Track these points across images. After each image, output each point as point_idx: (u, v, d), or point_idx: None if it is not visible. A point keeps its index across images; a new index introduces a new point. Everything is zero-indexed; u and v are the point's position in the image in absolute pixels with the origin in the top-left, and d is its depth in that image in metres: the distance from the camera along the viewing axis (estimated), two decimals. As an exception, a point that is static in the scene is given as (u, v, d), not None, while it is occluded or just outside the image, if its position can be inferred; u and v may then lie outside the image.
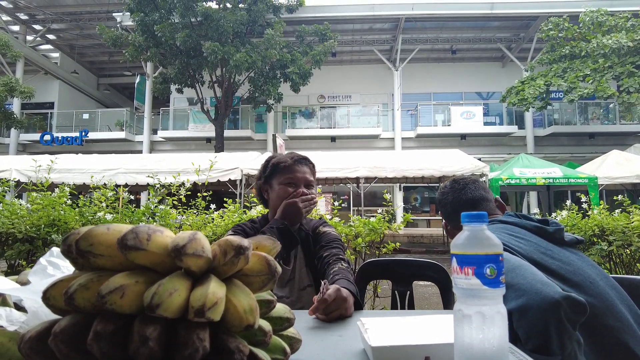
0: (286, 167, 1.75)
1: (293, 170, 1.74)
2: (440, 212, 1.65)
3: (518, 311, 0.95)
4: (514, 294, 0.98)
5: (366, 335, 0.85)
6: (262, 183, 1.82)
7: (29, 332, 0.62)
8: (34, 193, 3.20)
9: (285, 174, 1.74)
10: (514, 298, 0.97)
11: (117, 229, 0.64)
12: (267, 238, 0.80)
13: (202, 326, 0.59)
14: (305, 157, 1.82)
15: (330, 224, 1.92)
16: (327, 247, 1.69)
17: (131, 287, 0.58)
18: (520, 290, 0.97)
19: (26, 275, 0.82)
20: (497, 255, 0.70)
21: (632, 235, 2.92)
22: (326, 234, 1.77)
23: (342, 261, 1.60)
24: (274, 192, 1.76)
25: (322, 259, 1.65)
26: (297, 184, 1.72)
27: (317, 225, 1.83)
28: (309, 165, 1.81)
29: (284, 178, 1.73)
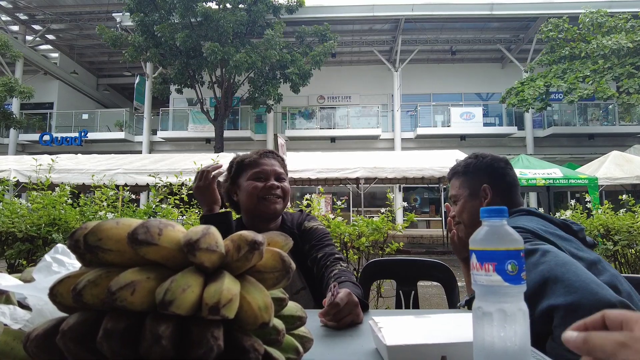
0: (251, 162, 1.65)
1: (259, 163, 1.64)
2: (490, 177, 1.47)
3: (566, 308, 0.92)
4: (563, 289, 0.95)
5: (380, 334, 0.83)
6: (229, 185, 1.70)
7: (35, 331, 0.59)
8: (35, 192, 3.18)
9: (251, 169, 1.63)
10: (564, 294, 0.94)
11: (126, 223, 0.62)
12: (279, 234, 0.78)
13: (216, 324, 0.57)
14: (271, 151, 1.73)
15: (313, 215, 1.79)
16: (320, 246, 1.59)
17: (142, 283, 0.56)
18: (572, 287, 0.93)
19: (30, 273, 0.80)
20: (519, 251, 0.68)
21: (637, 235, 2.90)
22: (314, 229, 1.66)
23: (341, 261, 1.52)
24: (242, 192, 1.64)
25: (317, 261, 1.55)
26: (267, 177, 1.61)
27: (301, 221, 1.71)
28: (277, 158, 1.70)
29: (251, 173, 1.62)
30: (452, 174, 1.57)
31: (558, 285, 0.96)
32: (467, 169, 1.50)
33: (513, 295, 0.67)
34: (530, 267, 1.03)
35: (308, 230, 1.66)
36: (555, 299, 0.94)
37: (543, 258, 1.03)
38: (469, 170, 1.50)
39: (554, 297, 0.95)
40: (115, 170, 9.36)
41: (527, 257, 1.05)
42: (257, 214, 1.62)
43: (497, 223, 0.70)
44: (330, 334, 1.00)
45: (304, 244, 1.63)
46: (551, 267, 1.00)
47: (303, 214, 1.78)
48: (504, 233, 0.69)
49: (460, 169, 1.53)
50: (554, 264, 1.00)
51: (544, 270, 1.00)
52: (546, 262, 1.02)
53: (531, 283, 1.00)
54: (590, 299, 0.89)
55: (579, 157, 15.47)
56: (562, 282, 0.96)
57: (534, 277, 1.01)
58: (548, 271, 0.99)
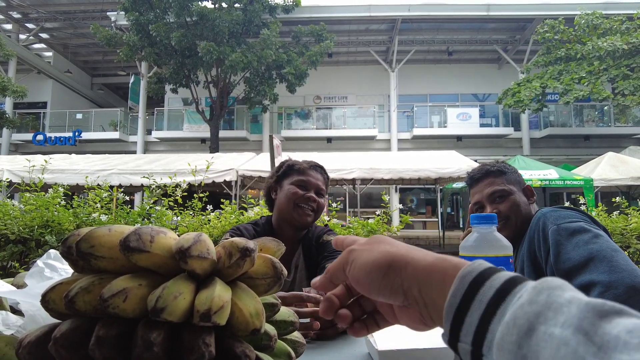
0: (301, 169, 1.73)
1: (307, 173, 1.73)
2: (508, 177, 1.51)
3: (606, 284, 0.94)
4: (608, 268, 0.97)
5: (372, 339, 0.84)
6: (274, 182, 1.79)
7: (27, 337, 0.60)
8: (27, 194, 3.16)
9: (298, 175, 1.72)
10: (606, 272, 0.96)
11: (119, 230, 0.62)
12: (272, 239, 0.78)
13: (207, 331, 0.57)
14: (322, 166, 1.82)
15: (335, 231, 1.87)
16: (330, 258, 1.62)
17: (134, 290, 0.57)
18: (618, 268, 0.96)
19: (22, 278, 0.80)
20: (508, 258, 0.69)
21: (630, 237, 2.92)
22: (329, 243, 1.69)
23: None
24: (282, 192, 1.72)
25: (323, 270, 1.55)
26: (308, 188, 1.70)
27: (321, 234, 1.77)
28: (324, 175, 1.80)
29: (296, 180, 1.70)
30: (485, 173, 1.55)
31: (604, 264, 0.98)
32: (504, 169, 1.53)
33: (502, 301, 0.67)
34: (580, 244, 1.07)
35: (324, 243, 1.70)
36: (597, 275, 0.97)
37: (595, 239, 1.07)
38: (509, 171, 1.53)
39: (597, 274, 0.97)
40: (109, 170, 9.32)
41: (579, 234, 1.10)
42: (288, 219, 1.68)
43: (487, 230, 0.71)
44: (322, 340, 1.01)
45: (318, 256, 1.68)
46: (603, 248, 1.04)
47: (326, 228, 1.84)
48: (493, 240, 0.70)
49: (498, 169, 1.53)
50: (606, 247, 1.04)
51: (593, 249, 1.04)
52: (598, 243, 1.06)
53: (577, 257, 1.05)
54: (633, 280, 0.92)
55: (574, 158, 15.55)
56: (609, 261, 0.99)
57: (581, 252, 1.05)
58: (598, 251, 1.03)
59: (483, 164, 1.60)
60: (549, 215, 1.22)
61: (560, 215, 1.19)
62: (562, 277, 1.09)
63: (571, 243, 1.08)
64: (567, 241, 1.10)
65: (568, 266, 1.05)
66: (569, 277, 1.04)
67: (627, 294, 0.90)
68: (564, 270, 1.06)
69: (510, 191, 1.47)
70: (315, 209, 1.70)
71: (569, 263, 1.05)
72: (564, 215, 1.19)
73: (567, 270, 1.05)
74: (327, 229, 1.84)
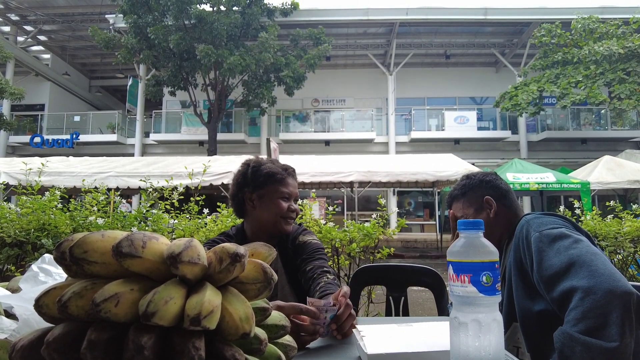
0: (282, 179, 1.63)
1: (288, 183, 1.65)
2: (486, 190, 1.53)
3: (585, 289, 0.94)
4: (587, 272, 0.97)
5: (362, 343, 0.85)
6: (250, 192, 1.63)
7: (20, 341, 0.61)
8: (24, 196, 3.16)
9: (280, 187, 1.62)
10: (586, 277, 0.97)
11: (112, 235, 0.63)
12: (263, 245, 0.79)
13: (197, 335, 0.58)
14: (294, 169, 1.74)
15: (310, 230, 1.77)
16: (310, 260, 1.56)
17: (126, 295, 0.58)
18: (596, 272, 0.96)
19: (17, 282, 0.81)
20: (493, 263, 0.70)
21: (624, 241, 2.94)
22: (307, 243, 1.63)
23: (328, 274, 1.47)
24: (265, 204, 1.61)
25: (305, 274, 1.52)
26: (290, 199, 1.64)
27: (296, 235, 1.68)
28: (296, 178, 1.74)
29: (280, 192, 1.61)
30: (451, 199, 1.61)
31: (584, 269, 0.99)
32: (464, 189, 1.56)
33: (488, 306, 0.69)
34: (561, 250, 1.08)
35: (302, 244, 1.64)
36: (578, 280, 0.97)
37: (576, 244, 1.08)
38: (467, 190, 1.55)
39: (577, 279, 0.98)
40: (107, 173, 9.30)
41: (560, 240, 1.11)
42: (269, 230, 1.62)
43: (473, 235, 0.72)
44: (314, 343, 1.02)
45: (296, 258, 1.61)
46: (582, 253, 1.04)
47: (300, 227, 1.76)
48: (480, 245, 0.71)
49: (458, 192, 1.58)
50: (586, 251, 1.04)
51: (573, 255, 1.04)
52: (578, 248, 1.06)
53: (558, 263, 1.05)
54: (610, 283, 0.92)
55: (571, 162, 15.60)
56: (588, 266, 0.99)
57: (562, 258, 1.05)
58: (578, 256, 1.03)
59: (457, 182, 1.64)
60: (531, 222, 1.23)
61: (543, 222, 1.20)
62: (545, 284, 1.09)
63: (552, 249, 1.09)
64: (548, 248, 1.10)
65: (550, 273, 1.05)
66: (552, 283, 1.04)
67: (605, 299, 0.90)
68: (547, 277, 1.06)
69: (465, 217, 1.52)
70: (295, 217, 1.67)
71: (550, 270, 1.06)
72: (546, 222, 1.20)
73: (550, 277, 1.05)
74: (301, 228, 1.76)
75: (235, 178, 1.70)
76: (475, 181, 1.56)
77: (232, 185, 1.71)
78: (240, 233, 1.68)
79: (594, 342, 0.88)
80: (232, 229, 1.75)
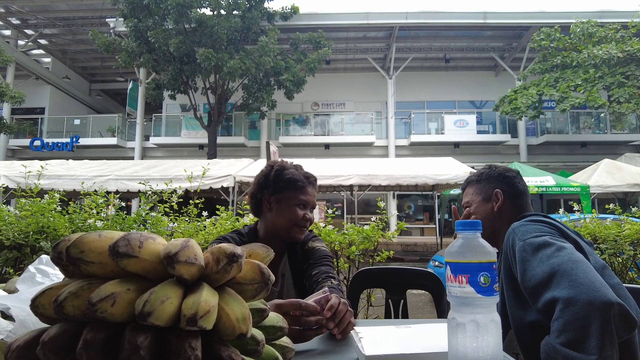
0: (302, 187, 1.64)
1: (307, 192, 1.65)
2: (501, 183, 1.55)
3: (565, 301, 0.93)
4: (567, 283, 0.96)
5: (360, 345, 0.85)
6: (269, 194, 1.65)
7: (16, 342, 0.60)
8: (23, 199, 3.16)
9: (299, 194, 1.63)
10: (567, 287, 0.95)
11: (108, 235, 0.63)
12: (261, 245, 0.79)
13: (194, 335, 0.58)
14: (315, 178, 1.74)
15: (320, 237, 1.78)
16: (316, 265, 1.58)
17: (122, 295, 0.58)
18: (576, 282, 0.95)
19: (14, 283, 0.81)
20: (491, 264, 0.70)
21: (623, 244, 2.94)
22: (315, 250, 1.65)
23: (332, 279, 1.50)
24: (281, 209, 1.63)
25: (310, 278, 1.55)
26: (307, 207, 1.65)
27: (306, 241, 1.71)
28: (316, 187, 1.73)
29: (298, 199, 1.62)
30: (466, 183, 1.65)
31: (564, 279, 0.97)
32: (481, 177, 1.59)
33: (485, 307, 0.69)
34: (543, 259, 1.06)
35: (310, 250, 1.66)
36: (559, 291, 0.96)
37: (558, 252, 1.06)
38: (482, 178, 1.58)
39: (558, 290, 0.96)
40: (106, 176, 9.31)
41: (543, 249, 1.09)
42: (282, 235, 1.64)
43: (471, 236, 0.72)
44: (312, 344, 1.01)
45: (303, 263, 1.63)
46: (563, 261, 1.02)
47: (310, 234, 1.78)
48: (477, 245, 0.71)
49: (474, 177, 1.61)
50: (567, 259, 1.02)
51: (554, 263, 1.02)
52: (560, 257, 1.04)
53: (540, 273, 1.03)
54: (589, 294, 0.91)
55: (571, 165, 15.61)
56: (569, 276, 0.97)
57: (544, 268, 1.03)
58: (559, 265, 1.01)
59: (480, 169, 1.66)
60: (517, 230, 1.21)
61: (527, 230, 1.18)
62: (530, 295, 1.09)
63: (536, 259, 1.08)
64: (532, 257, 1.09)
65: (533, 283, 1.04)
66: (536, 294, 1.03)
67: (584, 311, 0.89)
68: (530, 288, 1.05)
69: (471, 203, 1.56)
70: (309, 225, 1.67)
71: (534, 280, 1.04)
72: (530, 230, 1.18)
73: (533, 287, 1.04)
74: (312, 234, 1.78)
75: (257, 178, 1.73)
76: (494, 172, 1.58)
77: (253, 184, 1.74)
78: (253, 232, 1.71)
79: (574, 355, 0.88)
80: (244, 228, 1.77)
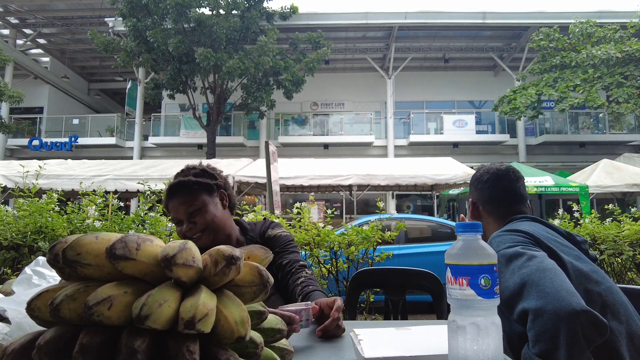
0: (166, 205, 1.52)
1: (170, 209, 1.51)
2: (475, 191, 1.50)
3: (534, 311, 0.93)
4: (535, 293, 0.96)
5: (359, 347, 0.84)
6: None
7: (12, 345, 0.60)
8: (21, 199, 3.15)
9: (168, 212, 1.53)
10: (535, 298, 0.95)
11: (105, 237, 0.62)
12: (260, 247, 0.79)
13: (192, 338, 0.58)
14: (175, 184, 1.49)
15: (278, 223, 1.74)
16: (284, 253, 1.58)
17: (119, 297, 0.57)
18: (543, 292, 0.94)
19: (10, 285, 0.80)
20: (492, 266, 0.70)
21: (623, 244, 2.94)
22: (278, 237, 1.64)
23: (305, 268, 1.52)
24: None
25: (282, 268, 1.54)
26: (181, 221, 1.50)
27: (264, 229, 1.68)
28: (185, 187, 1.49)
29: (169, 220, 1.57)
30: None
31: (533, 289, 0.97)
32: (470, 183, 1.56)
33: (486, 309, 0.68)
34: (515, 270, 1.05)
35: (272, 238, 1.64)
36: (528, 302, 0.96)
37: (528, 262, 1.04)
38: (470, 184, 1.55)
39: (528, 301, 0.96)
40: (105, 176, 9.28)
41: (514, 260, 1.07)
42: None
43: (471, 237, 0.71)
44: (311, 346, 1.01)
45: None
46: (532, 271, 1.01)
47: (267, 221, 1.74)
48: (478, 247, 0.71)
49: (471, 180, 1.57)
50: (535, 269, 1.01)
51: (524, 274, 1.01)
52: (529, 267, 1.02)
53: (512, 285, 1.02)
54: (554, 305, 0.90)
55: (570, 165, 15.62)
56: (537, 286, 0.97)
57: (515, 279, 1.02)
58: (528, 275, 1.00)
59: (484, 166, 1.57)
60: (493, 241, 1.20)
61: (502, 241, 1.16)
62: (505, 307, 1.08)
63: (508, 270, 1.06)
64: (505, 269, 1.08)
65: (507, 295, 1.03)
66: (510, 306, 1.02)
67: (551, 322, 0.89)
68: (505, 300, 1.03)
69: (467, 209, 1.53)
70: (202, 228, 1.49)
71: (507, 292, 1.03)
72: (505, 240, 1.16)
73: (507, 299, 1.03)
74: (269, 222, 1.73)
75: None
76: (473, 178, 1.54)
77: None
78: None
79: None
80: None
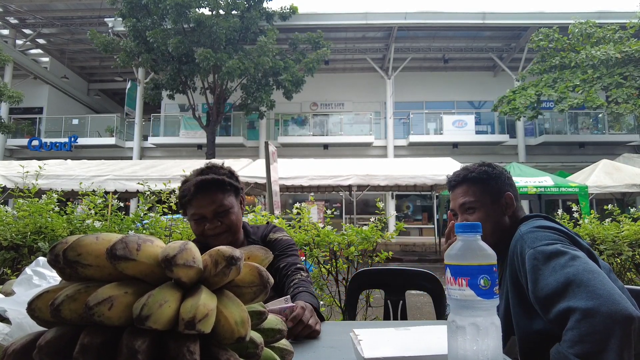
0: (189, 201, 1.51)
1: (195, 204, 1.50)
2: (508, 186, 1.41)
3: (583, 312, 0.91)
4: (586, 294, 0.94)
5: (359, 347, 0.84)
6: (183, 214, 1.59)
7: (12, 345, 0.60)
8: (21, 200, 3.14)
9: (189, 209, 1.53)
10: (585, 298, 0.93)
11: (106, 238, 0.63)
12: (260, 248, 0.79)
13: (192, 339, 0.58)
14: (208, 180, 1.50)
15: (281, 227, 1.77)
16: (283, 256, 1.59)
17: (120, 298, 0.57)
18: (595, 294, 0.93)
19: (11, 285, 0.80)
20: (491, 266, 0.70)
21: (622, 245, 2.94)
22: (278, 240, 1.65)
23: (301, 271, 1.52)
24: (192, 227, 1.57)
25: (279, 271, 1.55)
26: (205, 217, 1.50)
27: (266, 233, 1.70)
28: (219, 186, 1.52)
29: (192, 214, 1.52)
30: (461, 179, 1.43)
31: (582, 289, 0.95)
32: (485, 176, 1.40)
33: (486, 310, 0.68)
34: (557, 268, 1.03)
35: (273, 242, 1.66)
36: (575, 301, 0.94)
37: (572, 262, 1.03)
38: (489, 178, 1.40)
39: (575, 300, 0.94)
40: (105, 176, 9.28)
41: (555, 258, 1.06)
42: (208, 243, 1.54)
43: (471, 238, 0.72)
44: (311, 347, 1.01)
45: None
46: (579, 271, 1.00)
47: (269, 226, 1.76)
48: (477, 248, 0.71)
49: (475, 175, 1.41)
50: (582, 269, 1.00)
51: (569, 273, 1.00)
52: (574, 266, 1.02)
53: (554, 283, 1.01)
54: (610, 307, 0.89)
55: (569, 166, 15.62)
56: (586, 287, 0.95)
57: (558, 277, 1.01)
58: (574, 274, 0.99)
59: (465, 166, 1.47)
60: (526, 237, 1.17)
61: (537, 237, 1.14)
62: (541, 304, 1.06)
63: (548, 268, 1.05)
64: (544, 266, 1.06)
65: (546, 292, 1.02)
66: (548, 304, 1.01)
67: (603, 324, 0.87)
68: (543, 297, 1.02)
69: (479, 204, 1.38)
70: (224, 230, 1.52)
71: (547, 289, 1.02)
72: (541, 237, 1.14)
73: (545, 297, 1.02)
74: (271, 226, 1.75)
75: None
76: (498, 172, 1.42)
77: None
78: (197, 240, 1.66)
79: None
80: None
